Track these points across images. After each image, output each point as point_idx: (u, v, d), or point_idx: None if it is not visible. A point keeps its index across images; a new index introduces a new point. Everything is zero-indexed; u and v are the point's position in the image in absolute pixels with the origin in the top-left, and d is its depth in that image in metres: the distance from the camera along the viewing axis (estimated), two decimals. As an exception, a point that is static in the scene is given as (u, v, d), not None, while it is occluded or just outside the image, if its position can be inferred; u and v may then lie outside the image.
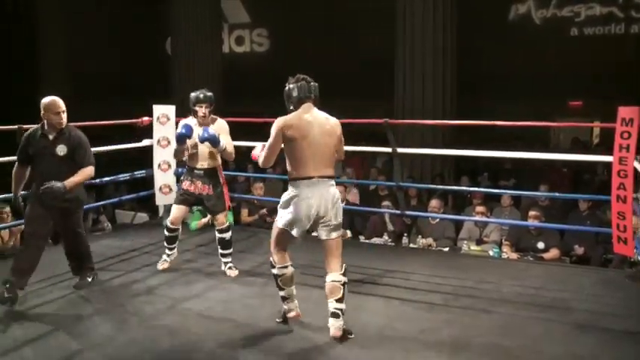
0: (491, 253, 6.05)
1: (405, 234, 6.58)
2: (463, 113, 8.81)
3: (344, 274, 3.78)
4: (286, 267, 3.93)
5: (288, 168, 3.78)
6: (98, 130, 6.27)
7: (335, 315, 3.73)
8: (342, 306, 3.74)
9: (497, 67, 12.54)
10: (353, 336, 3.75)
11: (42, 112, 4.35)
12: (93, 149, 5.49)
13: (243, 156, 10.77)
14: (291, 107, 3.84)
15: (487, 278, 4.94)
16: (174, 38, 12.38)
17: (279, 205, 3.86)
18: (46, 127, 4.38)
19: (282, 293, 3.93)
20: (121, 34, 15.22)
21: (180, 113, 6.64)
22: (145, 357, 3.56)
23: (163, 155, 6.59)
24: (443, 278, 4.91)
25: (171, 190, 6.62)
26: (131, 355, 3.58)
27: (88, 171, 4.47)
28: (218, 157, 5.06)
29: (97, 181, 6.46)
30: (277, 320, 4.01)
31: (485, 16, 12.62)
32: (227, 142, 4.89)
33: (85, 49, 15.00)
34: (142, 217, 7.65)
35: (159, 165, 6.60)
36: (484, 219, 6.49)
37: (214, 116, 5.08)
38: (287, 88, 3.86)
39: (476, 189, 7.33)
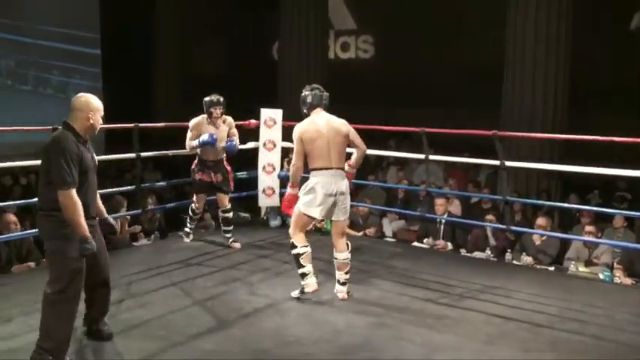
0: (601, 276, 5.73)
1: (509, 250, 6.37)
2: (574, 127, 8.43)
3: (350, 251, 4.59)
4: (306, 246, 4.54)
5: (310, 164, 4.49)
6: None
7: (343, 284, 4.56)
8: (348, 277, 4.59)
9: (614, 79, 11.87)
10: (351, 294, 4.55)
11: (87, 112, 3.43)
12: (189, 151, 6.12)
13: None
14: (305, 111, 4.60)
15: (596, 302, 4.67)
16: (282, 43, 12.62)
17: (300, 192, 4.52)
18: (80, 133, 3.43)
19: (302, 270, 4.50)
20: (230, 39, 15.72)
21: (287, 117, 6.78)
22: (242, 354, 3.63)
23: (269, 158, 6.73)
24: (548, 298, 4.69)
25: (274, 192, 6.75)
26: (229, 350, 3.67)
27: None
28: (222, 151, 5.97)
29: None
30: (293, 294, 4.53)
31: (603, 25, 11.99)
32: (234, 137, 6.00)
33: (195, 52, 15.59)
34: (244, 216, 7.84)
35: (263, 167, 6.75)
36: (594, 239, 6.16)
37: (225, 116, 5.95)
38: (303, 94, 4.62)
39: (586, 207, 6.96)
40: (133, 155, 5.98)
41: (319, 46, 12.16)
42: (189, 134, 5.88)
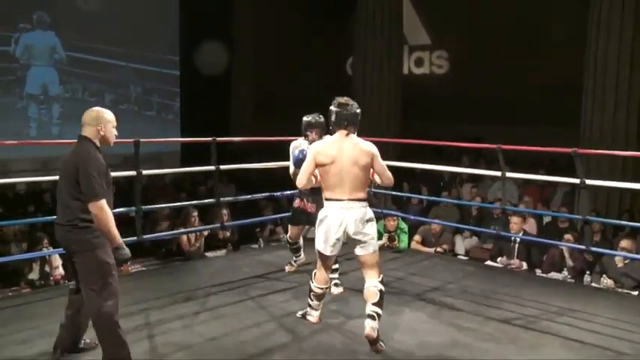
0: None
1: (588, 272, 6.15)
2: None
3: (381, 282, 3.99)
4: (322, 288, 4.23)
5: (323, 190, 4.07)
6: (275, 145, 6.63)
7: (371, 317, 3.85)
8: (379, 310, 3.88)
9: None
10: (384, 347, 3.90)
11: (96, 125, 3.49)
12: (272, 164, 5.89)
13: (415, 178, 10.87)
14: (331, 128, 4.12)
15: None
16: (356, 59, 12.71)
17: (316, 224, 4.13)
18: (98, 145, 3.51)
19: (310, 302, 4.29)
20: (304, 54, 15.93)
21: (359, 133, 6.78)
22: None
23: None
24: (632, 325, 4.48)
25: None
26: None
27: None
28: None
29: (278, 193, 6.82)
30: (298, 315, 4.43)
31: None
32: None
33: (270, 66, 15.87)
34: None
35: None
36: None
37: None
38: (330, 109, 4.10)
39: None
40: (212, 168, 6.10)
41: (393, 62, 12.17)
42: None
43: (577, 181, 5.37)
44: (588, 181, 5.53)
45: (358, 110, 4.08)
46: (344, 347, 3.98)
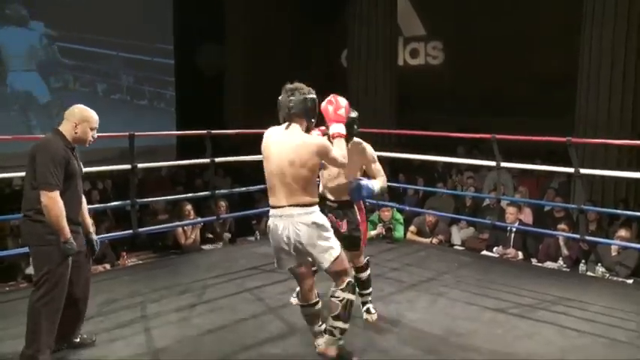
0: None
1: (583, 260, 6.17)
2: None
3: (345, 290, 3.37)
4: (304, 306, 3.56)
5: None
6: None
7: (328, 332, 3.44)
8: (340, 324, 3.39)
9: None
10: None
11: (73, 121, 3.50)
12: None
13: (415, 169, 10.88)
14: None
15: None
16: (351, 50, 12.68)
17: None
18: (69, 139, 3.50)
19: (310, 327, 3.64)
20: (298, 46, 15.88)
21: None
22: (311, 357, 3.63)
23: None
24: (626, 313, 4.51)
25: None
26: (297, 354, 3.72)
27: None
28: None
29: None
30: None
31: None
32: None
33: (263, 60, 15.84)
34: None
35: (336, 174, 6.79)
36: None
37: (359, 140, 4.61)
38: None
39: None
40: (207, 160, 6.10)
41: (388, 53, 12.14)
42: None
43: (572, 170, 5.39)
44: (583, 171, 5.56)
45: (310, 96, 3.33)
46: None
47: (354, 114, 3.92)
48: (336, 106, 3.52)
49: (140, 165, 5.54)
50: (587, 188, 8.52)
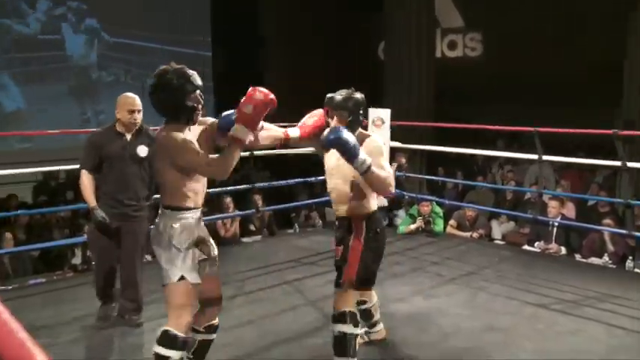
0: None
1: (630, 257, 6.01)
2: None
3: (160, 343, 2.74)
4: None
5: None
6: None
7: None
8: None
9: None
10: None
11: (117, 109, 3.87)
12: (306, 150, 5.80)
13: (454, 162, 10.77)
14: None
15: None
16: (388, 43, 12.59)
17: None
18: (117, 126, 3.89)
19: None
20: (335, 39, 15.85)
21: (395, 117, 6.77)
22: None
23: (376, 158, 6.75)
24: (676, 311, 4.39)
25: (383, 192, 6.76)
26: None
27: None
28: (366, 197, 3.16)
29: (312, 179, 6.83)
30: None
31: None
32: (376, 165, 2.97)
33: (299, 55, 15.85)
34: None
35: (370, 167, 6.77)
36: None
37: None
38: None
39: None
40: (246, 154, 6.09)
41: (426, 45, 12.01)
42: None
43: (618, 163, 5.25)
44: (630, 164, 5.40)
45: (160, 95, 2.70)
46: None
47: (357, 95, 3.19)
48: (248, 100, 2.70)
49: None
50: (634, 182, 8.30)
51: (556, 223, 6.44)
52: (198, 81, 2.73)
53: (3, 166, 5.62)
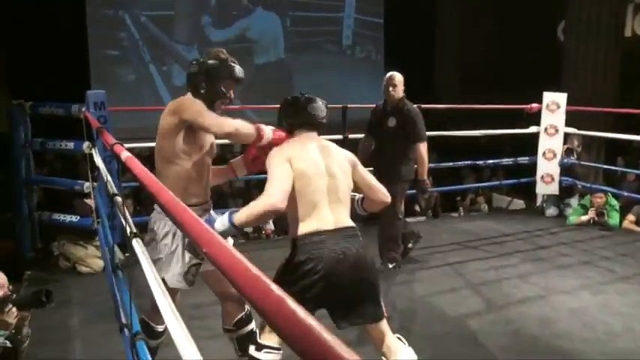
0: None
1: None
2: None
3: None
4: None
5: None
6: (481, 114, 6.53)
7: None
8: None
9: None
10: None
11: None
12: (478, 132, 5.77)
13: (637, 152, 10.00)
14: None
15: None
16: (569, 23, 11.88)
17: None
18: (386, 101, 4.70)
19: None
20: (510, 19, 15.26)
21: (571, 102, 6.48)
22: (505, 339, 3.64)
23: (549, 143, 6.53)
24: None
25: (553, 179, 6.53)
26: (493, 333, 3.71)
27: (423, 149, 4.59)
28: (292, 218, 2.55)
29: (481, 162, 6.76)
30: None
31: None
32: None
33: (473, 36, 15.47)
34: (519, 203, 7.71)
35: (543, 153, 6.56)
36: None
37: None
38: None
39: None
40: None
41: (614, 24, 11.18)
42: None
43: None
44: None
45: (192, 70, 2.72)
46: (541, 319, 3.90)
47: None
48: None
49: (351, 136, 5.81)
50: None
51: None
52: (241, 75, 2.70)
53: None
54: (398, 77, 4.64)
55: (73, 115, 4.71)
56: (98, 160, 3.72)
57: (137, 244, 1.85)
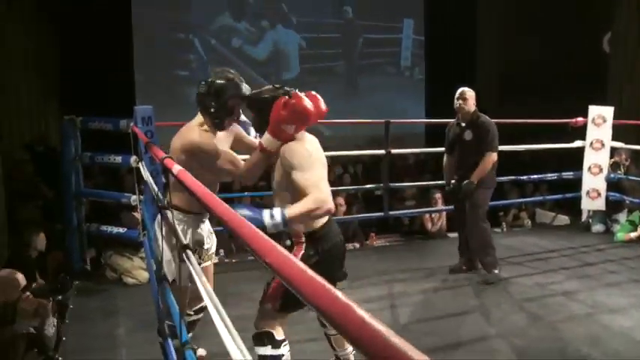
0: None
1: None
2: None
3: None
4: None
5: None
6: (524, 129, 6.45)
7: None
8: None
9: None
10: None
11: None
12: (522, 147, 5.73)
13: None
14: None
15: None
16: (615, 34, 11.67)
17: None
18: (459, 116, 4.88)
19: None
20: (552, 29, 15.04)
21: (618, 115, 6.36)
22: (552, 356, 3.57)
23: (595, 158, 6.40)
24: None
25: (599, 195, 6.39)
26: (540, 350, 3.64)
27: (488, 158, 4.72)
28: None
29: (524, 177, 6.67)
30: None
31: None
32: None
33: (517, 42, 15.29)
34: (563, 219, 7.56)
35: (589, 168, 6.43)
36: None
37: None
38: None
39: None
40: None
41: (660, 36, 10.94)
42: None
43: None
44: None
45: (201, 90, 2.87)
46: (589, 338, 3.80)
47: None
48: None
49: (394, 151, 5.80)
50: None
51: None
52: (247, 92, 2.84)
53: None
54: (468, 92, 4.87)
55: (121, 130, 4.83)
56: (145, 174, 3.80)
57: (187, 256, 1.89)
